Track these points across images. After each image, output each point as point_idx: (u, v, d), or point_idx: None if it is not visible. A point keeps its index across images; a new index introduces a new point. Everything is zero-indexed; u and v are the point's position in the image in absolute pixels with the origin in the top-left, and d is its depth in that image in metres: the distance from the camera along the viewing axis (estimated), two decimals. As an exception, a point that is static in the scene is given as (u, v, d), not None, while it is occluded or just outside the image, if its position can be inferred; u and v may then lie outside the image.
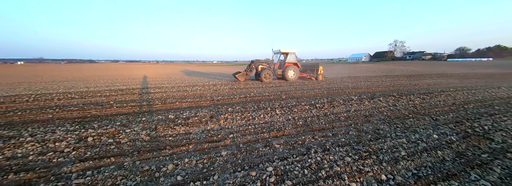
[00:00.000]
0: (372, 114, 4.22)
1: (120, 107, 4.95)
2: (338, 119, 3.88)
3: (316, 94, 6.80)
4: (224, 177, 2.00)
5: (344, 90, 7.70)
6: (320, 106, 4.81)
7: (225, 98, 6.19)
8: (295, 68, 11.33)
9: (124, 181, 1.91)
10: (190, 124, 3.56)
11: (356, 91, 7.59)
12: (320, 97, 6.16)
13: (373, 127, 3.38)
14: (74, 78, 13.73)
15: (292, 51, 11.38)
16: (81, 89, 8.14)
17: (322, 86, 8.94)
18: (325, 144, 2.71)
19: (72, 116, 4.18)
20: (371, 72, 19.60)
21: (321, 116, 4.06)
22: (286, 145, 2.72)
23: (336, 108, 4.67)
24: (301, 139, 2.88)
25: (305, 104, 4.98)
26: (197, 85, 9.27)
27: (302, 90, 7.70)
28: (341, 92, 7.22)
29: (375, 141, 2.80)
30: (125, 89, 8.14)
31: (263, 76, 10.66)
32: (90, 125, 3.42)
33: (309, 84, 9.67)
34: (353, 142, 2.79)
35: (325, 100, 5.46)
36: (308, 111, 4.39)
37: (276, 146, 2.66)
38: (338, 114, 4.16)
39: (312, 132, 3.18)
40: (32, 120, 3.89)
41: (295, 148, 2.62)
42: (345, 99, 5.61)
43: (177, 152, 2.53)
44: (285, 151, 2.53)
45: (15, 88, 8.40)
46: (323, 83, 10.37)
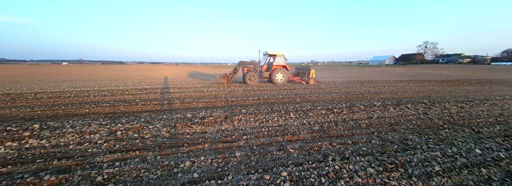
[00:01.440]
0: (399, 122, 3.85)
1: (144, 105, 5.38)
2: (358, 126, 3.62)
3: (333, 99, 6.49)
4: (238, 178, 2.00)
5: (364, 95, 7.20)
6: (338, 111, 4.56)
7: (239, 99, 6.28)
8: (284, 71, 10.64)
9: (146, 174, 2.04)
10: (206, 124, 3.68)
11: (378, 96, 7.04)
12: (338, 101, 5.85)
13: (399, 137, 3.07)
14: (106, 77, 15.41)
15: (280, 53, 10.78)
16: (112, 87, 9.07)
17: (340, 90, 8.49)
18: (344, 152, 2.54)
19: (104, 111, 4.68)
20: (396, 76, 18.02)
21: (339, 122, 3.84)
22: (301, 150, 2.62)
23: (356, 114, 4.37)
24: (317, 145, 2.76)
25: (321, 109, 4.78)
26: (212, 86, 9.60)
27: (317, 94, 7.42)
28: (361, 97, 6.76)
29: (403, 153, 2.54)
30: (148, 88, 8.83)
31: (247, 78, 10.23)
32: (119, 120, 3.77)
33: (326, 88, 9.28)
34: (377, 151, 2.56)
35: (343, 105, 5.16)
36: (325, 116, 4.20)
37: (291, 151, 2.59)
38: (358, 121, 3.89)
39: (329, 139, 3.02)
40: (73, 113, 4.45)
41: (310, 154, 2.52)
42: (366, 105, 5.23)
43: (193, 150, 2.63)
44: (300, 157, 2.44)
45: (61, 85, 9.75)
46: (340, 87, 9.85)
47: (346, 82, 12.59)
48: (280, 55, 10.84)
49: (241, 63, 10.88)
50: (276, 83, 10.55)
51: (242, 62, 10.89)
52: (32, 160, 2.29)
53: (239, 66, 10.85)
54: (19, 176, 1.96)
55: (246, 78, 10.22)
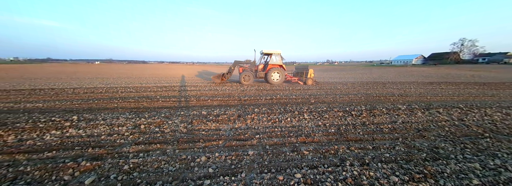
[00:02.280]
0: (428, 128, 3.48)
1: (164, 101, 5.75)
2: (380, 130, 3.37)
3: (351, 100, 6.14)
4: (251, 176, 2.02)
5: (387, 97, 6.67)
6: (357, 114, 4.30)
7: (251, 98, 6.32)
8: (280, 70, 10.19)
9: (166, 166, 2.18)
10: (220, 121, 3.79)
11: (404, 99, 6.46)
12: (357, 103, 5.52)
13: (429, 144, 2.78)
14: (132, 75, 16.81)
15: (276, 51, 10.29)
16: (136, 84, 9.87)
17: (359, 92, 7.99)
18: (364, 157, 2.39)
19: (130, 106, 5.11)
20: (424, 77, 16.32)
21: (358, 125, 3.62)
22: (316, 152, 2.54)
23: (378, 118, 4.07)
24: (333, 148, 2.64)
25: (338, 111, 4.56)
26: (225, 85, 9.82)
27: (334, 95, 7.10)
28: (383, 99, 6.28)
29: (433, 162, 2.29)
30: (168, 86, 9.41)
31: (242, 78, 9.99)
32: (142, 115, 4.08)
33: (343, 89, 8.82)
34: (401, 159, 2.35)
35: (363, 108, 4.84)
36: (342, 119, 3.99)
37: (305, 153, 2.52)
38: (380, 125, 3.62)
39: (346, 142, 2.86)
40: (104, 107, 4.95)
41: (326, 157, 2.42)
42: (390, 108, 4.83)
43: (208, 146, 2.73)
44: (315, 159, 2.36)
45: (94, 82, 10.92)
46: (359, 88, 9.27)
47: (365, 82, 11.81)
48: (276, 54, 10.39)
49: (236, 62, 10.71)
50: (271, 83, 10.14)
51: (237, 61, 10.72)
52: (72, 147, 2.61)
53: (233, 66, 10.69)
54: (61, 160, 2.25)
55: (241, 78, 10.04)
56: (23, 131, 3.11)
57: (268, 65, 10.43)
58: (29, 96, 6.40)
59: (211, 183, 1.89)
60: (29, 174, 1.98)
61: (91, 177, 1.93)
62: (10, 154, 2.39)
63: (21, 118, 3.78)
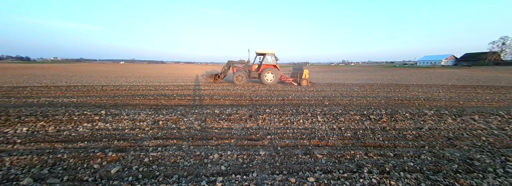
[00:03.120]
0: (460, 136, 3.13)
1: (180, 100, 6.04)
2: (402, 136, 3.12)
3: (369, 103, 5.78)
4: (262, 177, 2.02)
5: (411, 101, 6.14)
6: (376, 118, 4.03)
7: (263, 99, 6.32)
8: (274, 71, 9.97)
9: (182, 161, 2.29)
10: (232, 120, 3.85)
11: (431, 103, 5.89)
12: (376, 107, 5.18)
13: (461, 155, 2.49)
14: (151, 74, 18.00)
15: (270, 51, 10.09)
16: (155, 83, 10.54)
17: (378, 95, 7.49)
18: (384, 165, 2.23)
19: (150, 103, 5.47)
20: (456, 80, 14.68)
21: (377, 130, 3.39)
22: (330, 157, 2.44)
23: (400, 123, 3.77)
24: (349, 153, 2.51)
25: (355, 114, 4.32)
26: (237, 85, 9.97)
27: (350, 97, 6.75)
28: (407, 103, 5.80)
29: (466, 175, 2.05)
30: (183, 85, 9.87)
31: (235, 78, 9.93)
32: (160, 112, 4.34)
33: (360, 91, 8.35)
34: (428, 169, 2.15)
35: (383, 112, 4.53)
36: (359, 123, 3.78)
37: (318, 156, 2.44)
38: (403, 131, 3.34)
39: (364, 148, 2.70)
40: (127, 103, 5.38)
41: (341, 162, 2.31)
42: (414, 113, 4.44)
43: (221, 144, 2.79)
44: (329, 164, 2.27)
45: (119, 80, 11.92)
46: (379, 90, 8.69)
47: (385, 85, 11.03)
48: (269, 54, 10.25)
49: (229, 62, 10.74)
50: (265, 83, 9.99)
51: (231, 61, 10.75)
52: (100, 138, 2.88)
53: (227, 66, 10.73)
54: (91, 150, 2.50)
55: (234, 78, 10.03)
56: (61, 123, 3.52)
57: (262, 65, 10.38)
58: (65, 92, 7.23)
59: (223, 180, 1.93)
60: (65, 161, 2.24)
61: (117, 167, 2.11)
62: (50, 142, 2.72)
63: (59, 111, 4.28)
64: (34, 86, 8.69)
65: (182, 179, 1.95)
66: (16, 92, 7.05)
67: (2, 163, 2.13)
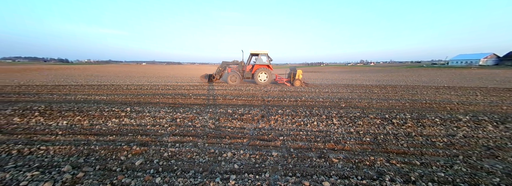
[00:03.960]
0: (503, 146, 2.73)
1: (196, 99, 6.32)
2: (431, 144, 2.83)
3: (391, 106, 5.36)
4: (275, 178, 2.01)
5: (442, 105, 5.54)
6: (399, 123, 3.73)
7: (275, 99, 6.28)
8: (267, 71, 10.05)
9: (197, 157, 2.40)
10: (244, 120, 3.90)
11: (466, 108, 5.24)
12: (399, 110, 4.78)
13: (505, 167, 2.17)
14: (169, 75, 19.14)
15: (263, 51, 10.16)
16: (173, 83, 11.18)
17: (402, 97, 6.91)
18: (409, 173, 2.05)
19: (168, 102, 5.83)
20: (497, 82, 12.82)
21: (401, 135, 3.13)
22: (347, 161, 2.32)
23: (428, 129, 3.43)
24: (369, 159, 2.36)
25: (375, 117, 4.05)
26: (249, 85, 10.06)
27: (369, 100, 6.34)
28: (436, 107, 5.25)
29: (512, 191, 1.78)
30: (198, 85, 10.29)
31: (229, 78, 10.21)
32: (178, 110, 4.59)
33: (381, 93, 7.79)
34: (462, 181, 1.91)
35: (408, 116, 4.16)
36: (380, 127, 3.53)
37: (334, 160, 2.34)
38: (432, 138, 3.03)
39: (385, 154, 2.52)
40: (149, 102, 5.80)
41: (359, 168, 2.18)
42: (445, 118, 4.00)
43: (234, 143, 2.85)
44: (346, 169, 2.16)
45: (141, 80, 12.91)
46: (403, 93, 8.00)
47: (410, 86, 10.12)
48: (262, 54, 10.33)
49: (224, 63, 10.96)
50: (258, 83, 10.10)
51: (225, 62, 10.96)
52: (126, 133, 3.15)
53: (222, 67, 10.97)
54: (118, 143, 2.75)
55: (227, 78, 10.27)
56: (93, 118, 3.94)
57: (255, 66, 10.47)
58: (97, 90, 8.07)
59: (236, 179, 1.97)
60: (97, 152, 2.50)
61: (140, 159, 2.29)
62: (85, 135, 3.06)
63: (92, 107, 4.79)
64: (72, 85, 9.87)
65: (198, 175, 2.04)
66: (58, 90, 8.09)
67: (47, 152, 2.47)
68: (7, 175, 1.91)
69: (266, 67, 10.33)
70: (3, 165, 2.13)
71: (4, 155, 2.35)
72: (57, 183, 1.81)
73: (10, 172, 1.95)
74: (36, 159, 2.27)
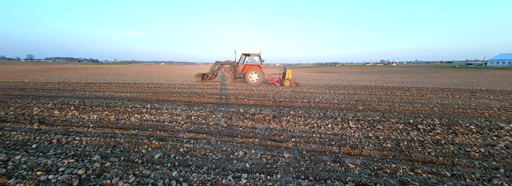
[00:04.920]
0: (560, 161, 2.32)
1: (209, 98, 6.52)
2: (465, 154, 2.53)
3: (416, 111, 4.91)
4: (286, 179, 1.98)
5: (479, 111, 4.92)
6: (427, 129, 3.40)
7: (287, 100, 6.18)
8: (258, 71, 10.25)
9: (210, 154, 2.48)
10: (256, 120, 3.92)
11: (509, 114, 4.57)
12: (426, 115, 4.36)
13: (562, 186, 1.84)
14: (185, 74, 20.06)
15: (254, 52, 10.37)
16: (188, 82, 11.68)
17: (429, 101, 6.29)
18: (437, 185, 1.86)
19: (184, 100, 6.12)
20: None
21: (428, 143, 2.85)
22: (365, 168, 2.19)
23: (461, 137, 3.07)
24: (389, 166, 2.19)
25: (397, 122, 3.75)
26: (260, 86, 10.07)
27: (390, 103, 5.90)
28: (472, 113, 4.67)
29: None
30: (211, 84, 10.61)
31: (221, 78, 10.71)
32: (193, 108, 4.80)
33: (404, 96, 7.19)
34: (504, 198, 1.68)
35: (436, 122, 3.77)
36: (403, 132, 3.26)
37: (350, 166, 2.22)
38: (466, 147, 2.71)
39: (409, 162, 2.32)
40: (167, 99, 6.15)
41: (379, 175, 2.04)
42: (483, 126, 3.54)
43: (245, 142, 2.88)
44: (364, 176, 2.04)
45: (160, 79, 13.75)
46: (430, 96, 7.28)
47: (439, 89, 9.15)
48: (254, 54, 10.57)
49: (217, 63, 11.38)
50: (249, 83, 10.32)
51: (218, 62, 11.39)
52: (147, 128, 3.39)
53: (215, 66, 11.35)
54: (140, 137, 2.97)
55: (220, 78, 10.77)
56: (119, 113, 4.31)
57: (246, 65, 10.77)
58: (122, 88, 8.80)
59: (248, 178, 1.99)
60: (122, 144, 2.73)
61: (159, 153, 2.45)
62: (112, 128, 3.37)
63: (118, 103, 5.25)
64: (101, 82, 10.92)
65: (211, 171, 2.10)
66: (89, 87, 9.02)
67: (81, 142, 2.77)
68: (48, 161, 2.19)
69: (258, 67, 10.55)
70: (45, 152, 2.44)
71: (46, 143, 2.70)
72: (89, 171, 2.03)
73: (51, 159, 2.24)
74: (71, 148, 2.57)
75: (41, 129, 3.27)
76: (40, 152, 2.44)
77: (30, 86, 8.78)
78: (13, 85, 9.20)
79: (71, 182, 1.83)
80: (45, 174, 1.93)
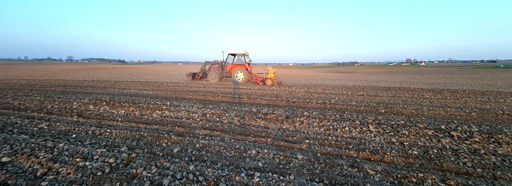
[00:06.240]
0: None
1: (223, 96, 6.71)
2: (511, 167, 2.19)
3: (449, 115, 4.40)
4: (300, 181, 1.95)
5: (528, 118, 4.20)
6: (462, 136, 3.02)
7: (300, 101, 6.04)
8: (244, 70, 10.77)
9: (224, 151, 2.55)
10: (268, 120, 3.91)
11: None
12: (461, 121, 3.88)
13: None
14: (200, 74, 20.86)
15: (239, 52, 10.99)
16: (204, 81, 12.14)
17: (466, 105, 5.57)
18: (474, 199, 1.64)
19: (199, 98, 6.39)
20: None
21: (463, 152, 2.54)
22: (386, 175, 2.04)
23: (505, 147, 2.66)
24: (415, 175, 2.00)
25: (426, 127, 3.40)
26: (273, 86, 10.00)
27: (418, 106, 5.37)
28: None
29: None
30: (225, 83, 10.88)
31: (209, 76, 11.46)
32: (207, 106, 4.99)
33: (435, 99, 6.48)
34: None
35: (474, 128, 3.33)
36: (433, 139, 2.94)
37: (369, 172, 2.09)
38: (511, 158, 2.34)
39: (440, 172, 2.09)
40: (184, 97, 6.49)
41: (403, 184, 1.88)
42: (535, 135, 3.02)
43: (258, 141, 2.90)
44: (385, 183, 1.90)
45: (177, 78, 14.54)
46: (467, 99, 6.44)
47: (478, 92, 8.04)
48: (239, 54, 11.16)
49: (206, 63, 12.24)
50: (236, 82, 10.85)
51: (207, 62, 12.22)
52: (166, 123, 3.63)
53: (204, 66, 12.26)
54: (161, 132, 3.19)
55: (208, 76, 11.49)
56: (142, 109, 4.69)
57: (233, 65, 11.33)
58: (145, 86, 9.54)
59: (261, 177, 2.00)
60: (145, 137, 2.97)
61: (177, 147, 2.61)
62: (136, 123, 3.68)
63: (141, 100, 5.70)
64: (127, 81, 11.98)
65: (225, 167, 2.17)
66: (118, 85, 9.96)
67: (111, 134, 3.08)
68: (85, 149, 2.49)
69: (243, 66, 11.02)
70: (82, 141, 2.78)
71: (83, 134, 3.07)
72: (118, 160, 2.25)
73: (87, 147, 2.54)
74: (103, 139, 2.88)
75: (79, 121, 3.73)
76: (78, 141, 2.79)
77: (70, 84, 10.05)
78: (57, 82, 10.63)
79: (103, 169, 2.05)
80: (83, 161, 2.20)
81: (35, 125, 3.41)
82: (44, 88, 8.13)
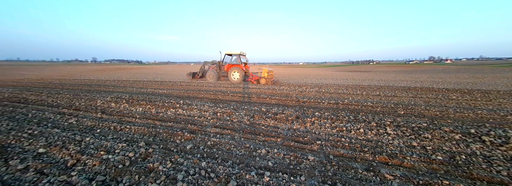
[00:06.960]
0: None
1: (233, 96, 6.80)
2: (557, 177, 1.92)
3: (481, 118, 3.98)
4: (311, 183, 1.91)
5: None
6: (495, 142, 2.72)
7: (311, 101, 5.89)
8: (239, 70, 11.18)
9: (234, 149, 2.59)
10: (278, 119, 3.88)
11: None
12: (495, 124, 3.49)
13: None
14: (211, 73, 21.32)
15: (235, 52, 11.49)
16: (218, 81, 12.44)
17: (500, 107, 4.99)
18: (510, 212, 1.47)
19: (210, 97, 6.55)
20: None
21: (497, 159, 2.28)
22: (406, 181, 1.91)
23: (551, 155, 2.34)
24: (440, 182, 1.85)
25: (452, 131, 3.12)
26: (282, 85, 9.87)
27: (442, 107, 4.94)
28: None
29: None
30: (232, 83, 11.02)
31: (207, 76, 12.14)
32: (218, 105, 5.10)
33: (463, 100, 5.90)
34: None
35: (510, 134, 2.97)
36: (460, 144, 2.69)
37: (387, 177, 1.97)
38: (559, 169, 2.05)
39: (469, 180, 1.90)
40: (196, 96, 6.70)
41: (424, 191, 1.75)
42: None
43: (268, 141, 2.89)
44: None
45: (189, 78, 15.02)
46: (501, 100, 5.76)
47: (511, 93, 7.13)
48: (235, 55, 11.62)
49: (205, 63, 13.01)
50: (232, 81, 11.34)
51: (206, 62, 12.96)
52: (180, 121, 3.79)
53: (203, 66, 13.05)
54: (175, 129, 3.34)
55: (206, 76, 12.19)
56: (158, 107, 4.95)
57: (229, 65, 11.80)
58: (160, 85, 10.04)
59: (271, 176, 2.00)
60: (161, 134, 3.13)
61: (190, 144, 2.71)
62: (153, 120, 3.89)
63: (157, 98, 6.02)
64: (144, 80, 12.71)
65: (235, 166, 2.20)
66: (136, 84, 10.61)
67: (130, 130, 3.30)
68: (108, 143, 2.70)
69: (239, 66, 11.44)
70: (106, 136, 3.01)
71: (106, 129, 3.33)
72: (137, 154, 2.41)
73: (109, 142, 2.75)
74: (124, 134, 3.09)
75: (102, 117, 4.05)
76: (102, 136, 3.03)
77: (94, 83, 10.94)
78: (83, 82, 11.65)
79: (124, 162, 2.21)
80: (106, 154, 2.39)
81: (65, 120, 3.78)
82: (73, 87, 8.96)
